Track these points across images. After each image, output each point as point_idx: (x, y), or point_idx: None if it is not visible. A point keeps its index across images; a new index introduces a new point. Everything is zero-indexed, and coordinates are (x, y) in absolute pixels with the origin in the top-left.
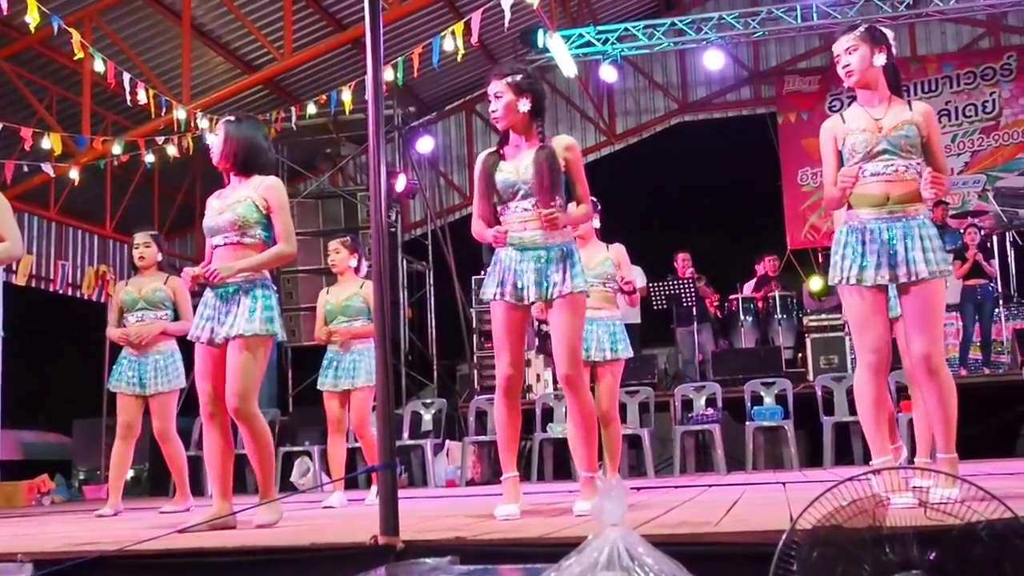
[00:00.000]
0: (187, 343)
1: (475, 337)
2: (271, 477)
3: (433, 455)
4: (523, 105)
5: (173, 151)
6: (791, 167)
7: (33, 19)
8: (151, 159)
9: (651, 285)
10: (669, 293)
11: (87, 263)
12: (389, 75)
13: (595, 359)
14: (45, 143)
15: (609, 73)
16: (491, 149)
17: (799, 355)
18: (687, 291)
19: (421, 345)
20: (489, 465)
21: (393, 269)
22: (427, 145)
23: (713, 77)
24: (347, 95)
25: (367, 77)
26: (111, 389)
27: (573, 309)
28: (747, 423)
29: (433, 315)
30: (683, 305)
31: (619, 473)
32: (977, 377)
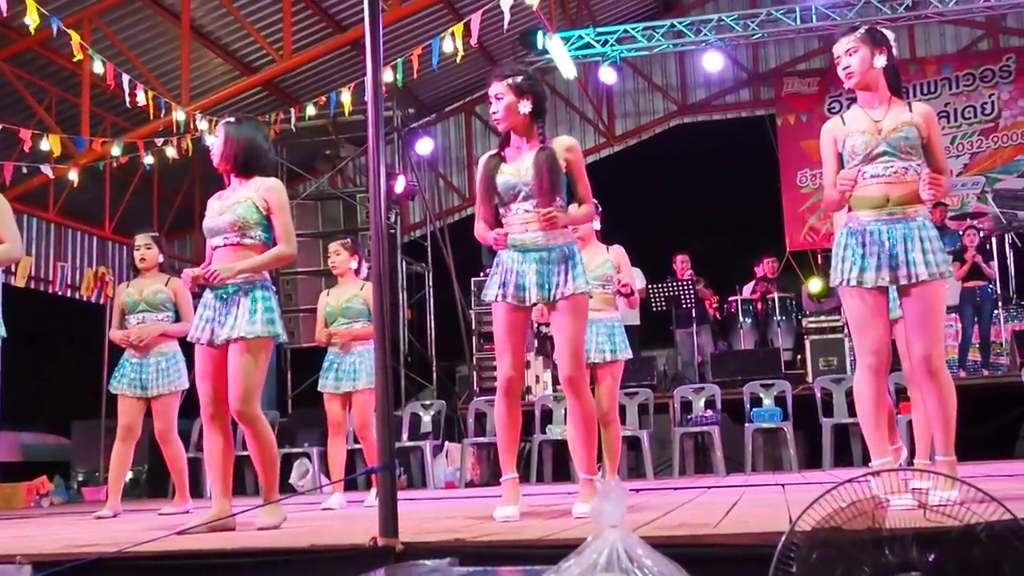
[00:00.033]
0: (188, 344)
1: (474, 339)
2: (274, 480)
3: (432, 457)
4: (524, 107)
5: (172, 153)
6: (790, 169)
7: (32, 20)
8: (150, 160)
9: (650, 287)
10: (668, 295)
11: (86, 264)
12: (388, 76)
13: (595, 361)
14: (44, 144)
15: (608, 75)
16: (492, 151)
17: (798, 357)
18: (686, 293)
19: (420, 347)
20: (488, 467)
21: (392, 271)
22: (426, 147)
23: (712, 79)
24: (346, 96)
25: (366, 78)
26: (112, 391)
27: (575, 310)
28: (746, 425)
29: (432, 317)
30: (682, 307)
31: (618, 475)
32: (976, 379)
